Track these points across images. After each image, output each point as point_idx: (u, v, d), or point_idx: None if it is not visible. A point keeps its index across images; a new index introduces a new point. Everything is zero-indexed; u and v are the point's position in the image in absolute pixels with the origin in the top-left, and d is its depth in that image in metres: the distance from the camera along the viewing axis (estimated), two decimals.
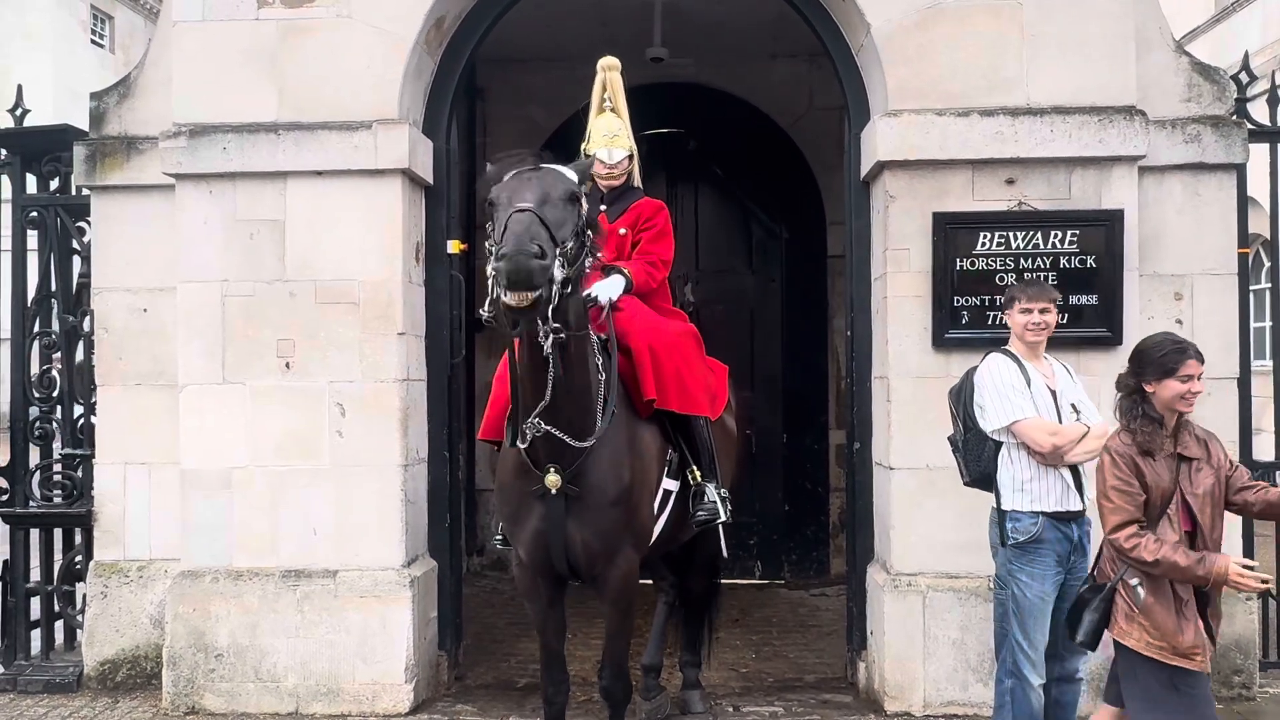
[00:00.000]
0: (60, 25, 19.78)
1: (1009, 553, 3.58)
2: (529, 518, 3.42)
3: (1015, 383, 3.53)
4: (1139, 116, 4.43)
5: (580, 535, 3.40)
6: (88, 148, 4.94)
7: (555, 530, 3.37)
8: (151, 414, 4.89)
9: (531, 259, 2.83)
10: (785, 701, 4.71)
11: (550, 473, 3.31)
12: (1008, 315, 3.71)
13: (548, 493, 3.34)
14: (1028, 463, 3.54)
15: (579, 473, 3.35)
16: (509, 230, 2.85)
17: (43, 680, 4.94)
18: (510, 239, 2.84)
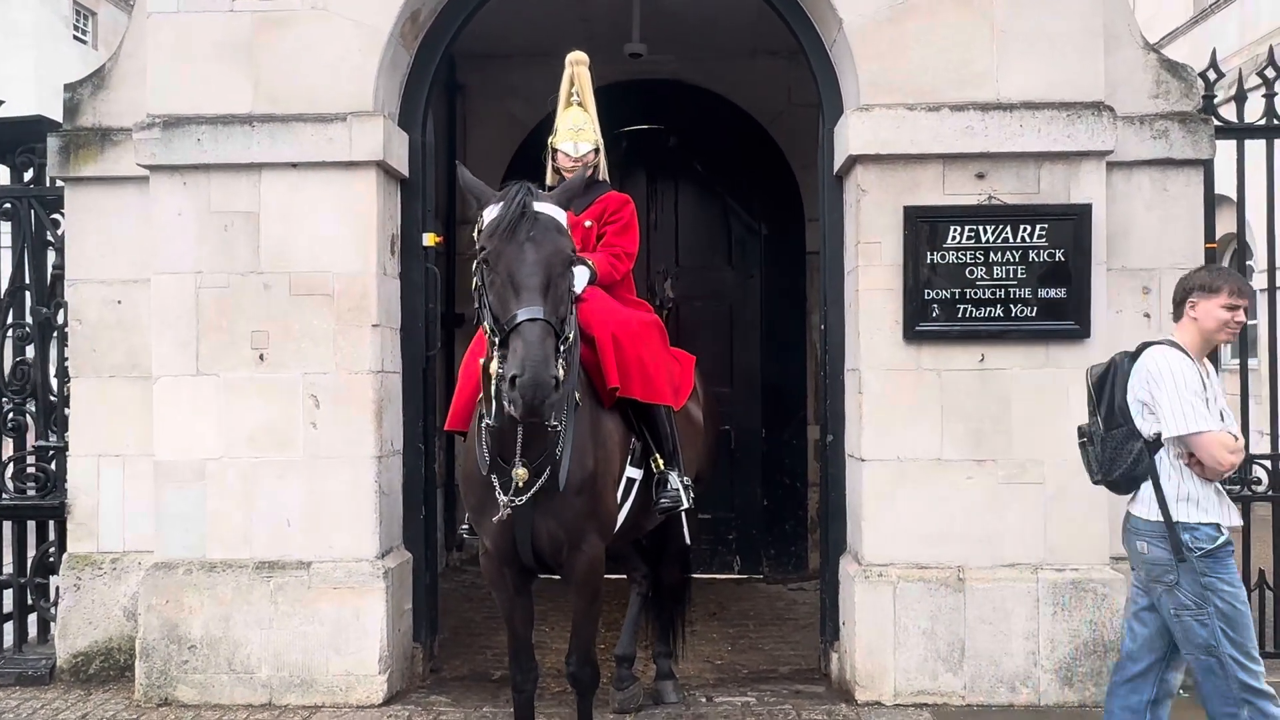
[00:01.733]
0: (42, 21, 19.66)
1: (1203, 563, 3.10)
2: (494, 508, 3.43)
3: (1198, 388, 3.13)
4: (1107, 112, 4.48)
5: (545, 524, 3.42)
6: (62, 139, 4.93)
7: (521, 520, 3.39)
8: (125, 406, 4.89)
9: (550, 392, 2.80)
10: (758, 692, 4.74)
11: (519, 465, 3.33)
12: (1193, 306, 3.26)
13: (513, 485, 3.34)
14: (1189, 473, 3.16)
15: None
16: (523, 350, 2.78)
17: (15, 673, 4.93)
18: (528, 367, 2.76)
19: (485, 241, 3.00)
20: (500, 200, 3.06)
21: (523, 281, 2.91)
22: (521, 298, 2.88)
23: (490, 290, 2.96)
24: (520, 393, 2.76)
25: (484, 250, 2.99)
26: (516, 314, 2.86)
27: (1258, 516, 4.87)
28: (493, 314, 2.93)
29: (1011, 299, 4.49)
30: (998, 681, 4.43)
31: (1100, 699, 4.39)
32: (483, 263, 2.99)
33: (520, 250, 2.96)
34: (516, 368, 2.77)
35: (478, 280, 3.03)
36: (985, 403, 4.49)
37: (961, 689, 4.43)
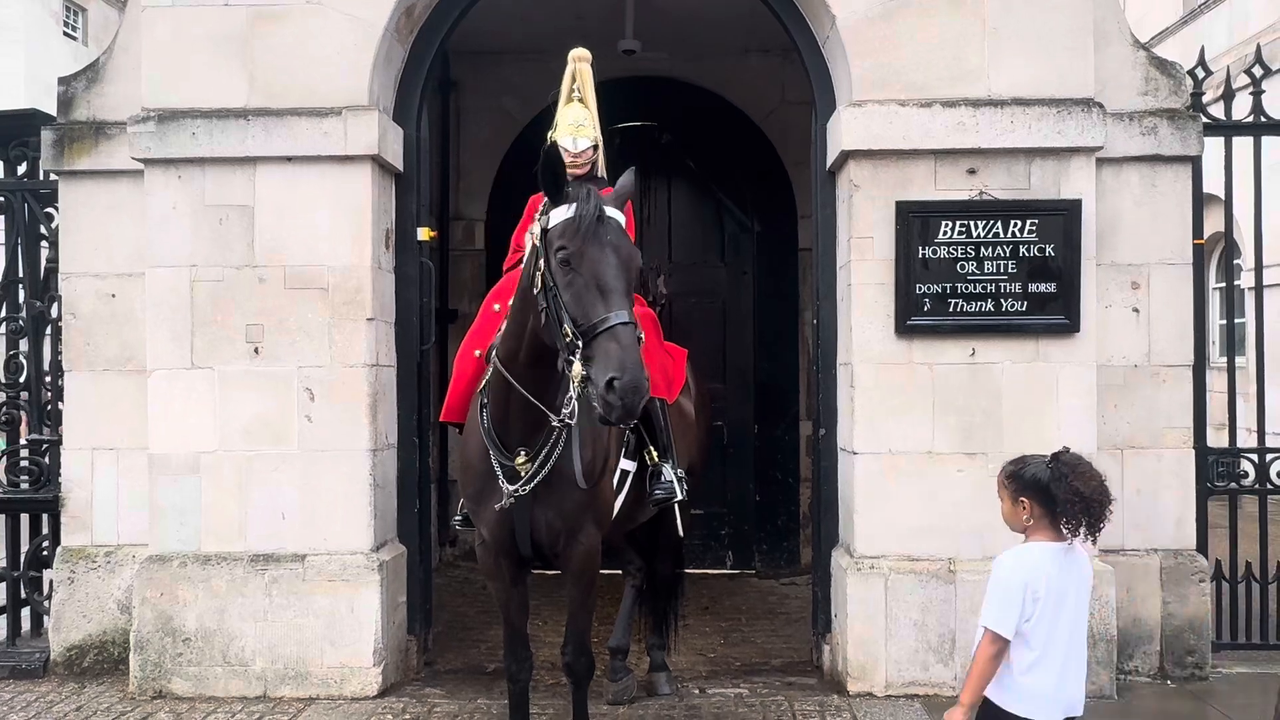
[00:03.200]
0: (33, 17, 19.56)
1: None
2: (493, 498, 3.46)
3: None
4: (1097, 109, 4.52)
5: (544, 514, 3.45)
6: (55, 132, 4.93)
7: (520, 510, 3.42)
8: (119, 399, 4.89)
9: (645, 394, 2.79)
10: (751, 684, 4.77)
11: (520, 455, 3.35)
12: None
13: (515, 474, 3.37)
14: None
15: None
16: (620, 354, 2.76)
17: (9, 666, 4.92)
18: (628, 370, 2.74)
19: (565, 241, 2.93)
20: (573, 201, 3.03)
21: (610, 284, 2.89)
22: (610, 301, 2.86)
23: (567, 290, 2.90)
24: (621, 396, 2.74)
25: (563, 250, 2.92)
26: (609, 317, 2.82)
27: (1245, 512, 4.93)
28: (570, 315, 2.88)
29: (1002, 293, 4.53)
30: None
31: (1089, 691, 4.42)
32: (561, 263, 2.93)
33: (605, 253, 2.94)
34: (615, 370, 2.74)
35: (546, 279, 2.96)
36: (976, 396, 4.53)
37: (952, 680, 4.46)
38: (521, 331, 3.25)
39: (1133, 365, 4.76)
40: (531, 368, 3.26)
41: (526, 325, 3.22)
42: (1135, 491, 4.70)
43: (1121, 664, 4.58)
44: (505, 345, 3.31)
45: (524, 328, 3.23)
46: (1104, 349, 4.68)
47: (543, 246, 3.03)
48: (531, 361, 3.25)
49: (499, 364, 3.31)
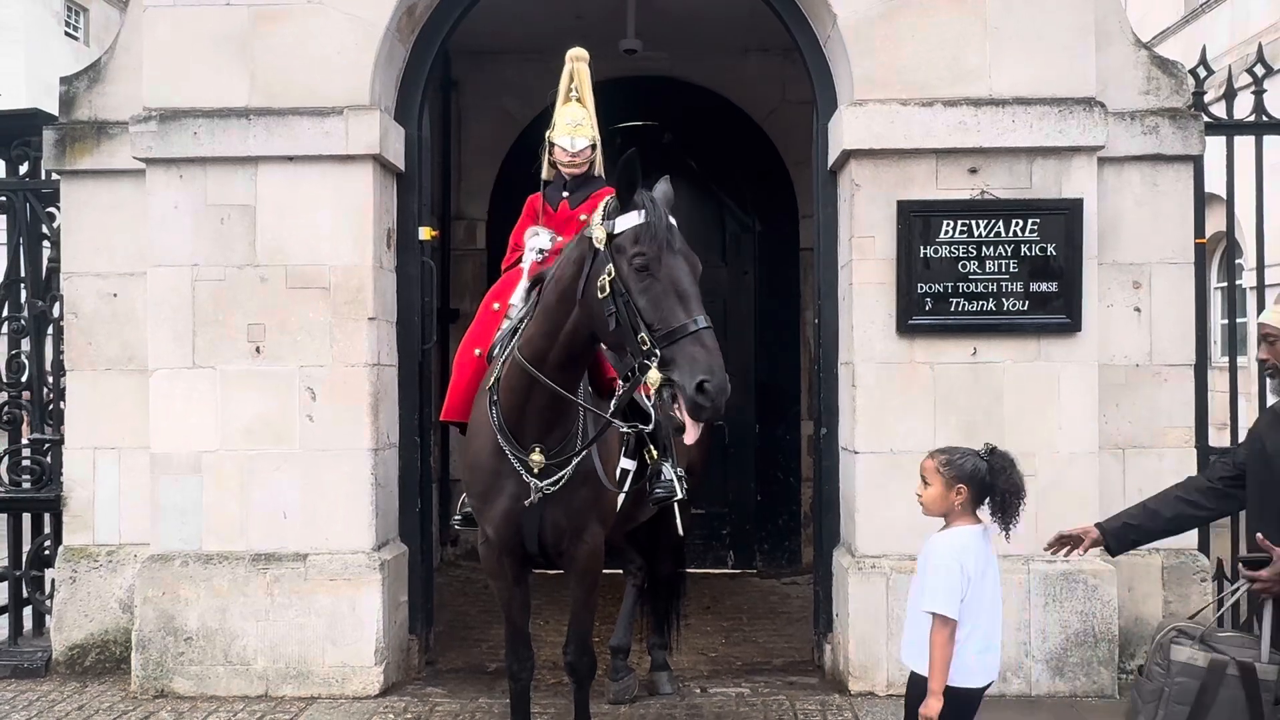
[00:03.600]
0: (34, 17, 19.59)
1: None
2: (500, 496, 3.46)
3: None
4: (1098, 108, 4.52)
5: (552, 513, 3.45)
6: (57, 132, 4.93)
7: (531, 508, 3.42)
8: (121, 399, 4.90)
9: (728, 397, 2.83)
10: (752, 683, 4.77)
11: (535, 451, 3.36)
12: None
13: (527, 471, 3.38)
14: None
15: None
16: (707, 357, 2.80)
17: (10, 665, 4.93)
18: (717, 371, 2.79)
19: (643, 248, 2.94)
20: (641, 208, 3.03)
21: (689, 290, 2.92)
22: (690, 306, 2.89)
23: (643, 296, 2.92)
24: (712, 398, 2.78)
25: (640, 257, 2.93)
26: (691, 321, 2.86)
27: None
28: (645, 319, 2.90)
29: (1004, 293, 4.53)
30: None
31: (1090, 690, 4.45)
32: (638, 270, 2.92)
33: (679, 260, 2.97)
34: (704, 373, 2.78)
35: (618, 285, 2.96)
36: (978, 396, 4.53)
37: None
38: (555, 332, 3.24)
39: (1134, 364, 4.76)
40: (562, 369, 3.28)
41: (562, 326, 3.22)
42: (1137, 491, 4.67)
43: (1123, 663, 4.57)
44: (533, 345, 3.29)
45: (558, 328, 3.23)
46: (1106, 348, 4.68)
47: (609, 252, 3.01)
48: (563, 363, 3.27)
49: (526, 362, 3.28)
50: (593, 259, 3.10)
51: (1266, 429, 3.03)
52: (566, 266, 3.25)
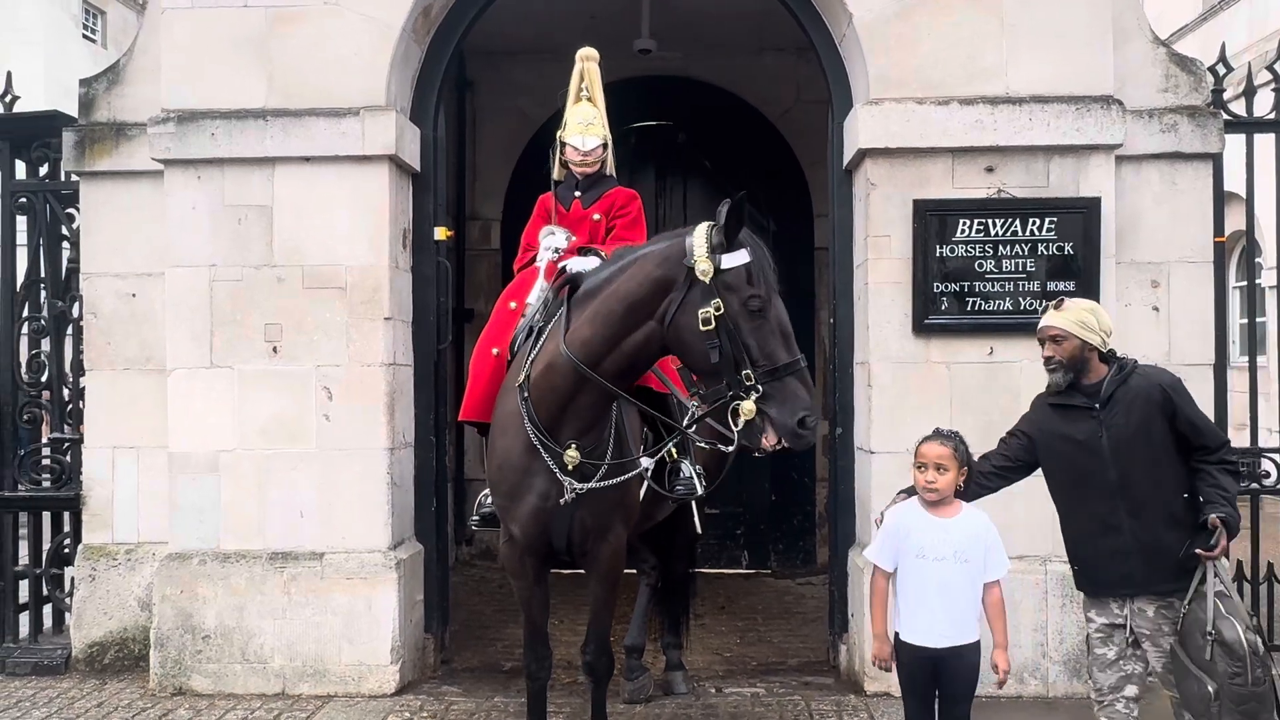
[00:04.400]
0: (52, 20, 19.74)
1: None
2: (529, 494, 3.47)
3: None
4: (1116, 106, 4.50)
5: (580, 513, 3.46)
6: (77, 133, 4.97)
7: (563, 509, 3.43)
8: (140, 398, 4.93)
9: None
10: (767, 683, 4.77)
11: (570, 448, 3.37)
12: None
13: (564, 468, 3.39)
14: None
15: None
16: (807, 394, 3.05)
17: (31, 662, 4.98)
18: (815, 411, 3.07)
19: (756, 290, 3.08)
20: (745, 247, 3.14)
21: (790, 331, 3.12)
22: (792, 346, 3.09)
23: (754, 335, 3.06)
24: (810, 429, 3.05)
25: (755, 299, 3.06)
26: (795, 360, 3.06)
27: (1267, 513, 4.88)
28: (751, 357, 3.06)
29: (1020, 292, 4.51)
30: None
31: None
32: (751, 312, 3.06)
33: (779, 301, 3.15)
34: (805, 410, 3.03)
35: (725, 321, 3.07)
36: (994, 395, 4.51)
37: None
38: (617, 340, 3.29)
39: (1153, 364, 4.71)
40: (620, 376, 3.34)
41: (626, 338, 3.28)
42: None
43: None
44: (589, 349, 3.31)
45: (621, 338, 3.28)
46: (1124, 348, 4.58)
47: (715, 286, 3.09)
48: (623, 371, 3.33)
49: (579, 362, 3.30)
50: (687, 288, 3.15)
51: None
52: (642, 285, 3.25)
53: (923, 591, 3.15)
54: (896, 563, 3.21)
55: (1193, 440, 3.24)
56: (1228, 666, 3.00)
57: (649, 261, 3.29)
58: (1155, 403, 3.23)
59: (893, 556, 3.22)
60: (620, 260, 3.42)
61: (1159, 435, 3.22)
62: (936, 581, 3.14)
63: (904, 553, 3.19)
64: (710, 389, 3.17)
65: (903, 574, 3.20)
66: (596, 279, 3.43)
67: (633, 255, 3.39)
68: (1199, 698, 3.05)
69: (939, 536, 3.16)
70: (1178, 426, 3.22)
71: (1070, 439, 3.26)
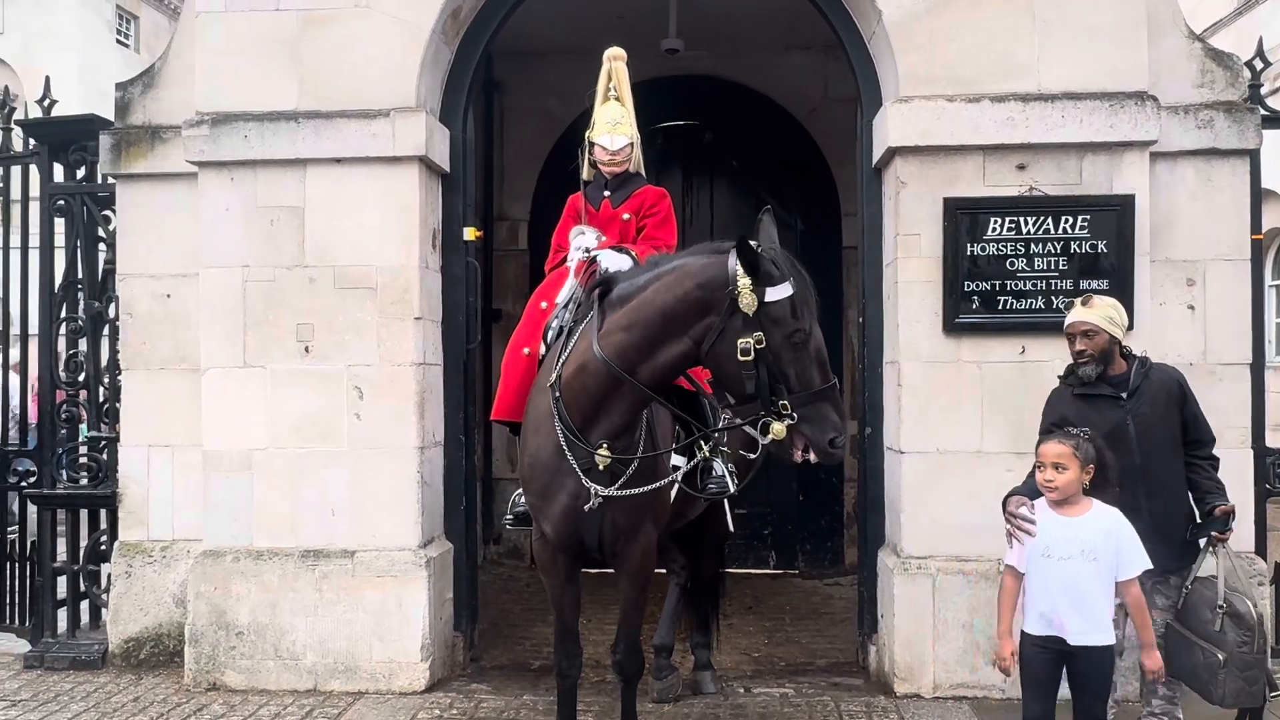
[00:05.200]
0: (86, 25, 20.06)
1: None
2: (560, 493, 3.48)
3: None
4: (1151, 102, 4.44)
5: (610, 513, 3.47)
6: (113, 137, 5.05)
7: (595, 507, 3.44)
8: (174, 397, 5.00)
9: None
10: (796, 684, 4.76)
11: (601, 448, 3.38)
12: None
13: (593, 469, 3.40)
14: None
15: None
16: (838, 419, 3.13)
17: (69, 657, 5.06)
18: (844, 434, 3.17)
19: (801, 324, 3.12)
20: (789, 279, 3.15)
21: (825, 358, 3.18)
22: (826, 371, 3.15)
23: (793, 365, 3.12)
24: (840, 448, 3.14)
25: (799, 333, 3.11)
26: (830, 385, 3.14)
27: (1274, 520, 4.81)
28: (788, 386, 3.12)
29: (1053, 290, 4.47)
30: None
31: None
32: (794, 344, 3.11)
33: (819, 329, 3.20)
34: (835, 431, 3.12)
35: (765, 354, 3.11)
36: (1026, 395, 4.45)
37: (1002, 682, 4.38)
38: (652, 349, 3.29)
39: (1188, 364, 4.63)
40: (648, 385, 3.35)
41: (662, 346, 3.28)
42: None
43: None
44: (623, 354, 3.31)
45: (657, 347, 3.29)
46: (1158, 347, 4.57)
47: (759, 319, 3.12)
48: (651, 380, 3.35)
49: (616, 366, 3.31)
50: (729, 316, 3.15)
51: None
52: (681, 301, 3.24)
53: (1047, 590, 3.18)
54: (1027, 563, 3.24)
55: (1190, 434, 3.59)
56: (1237, 636, 3.34)
57: (689, 279, 3.26)
58: (1174, 395, 3.57)
59: (1022, 557, 3.24)
60: (656, 269, 3.40)
61: (1175, 425, 3.56)
62: (1061, 580, 3.16)
63: (1031, 551, 3.22)
64: (742, 408, 3.22)
65: (1030, 573, 3.23)
66: (631, 284, 3.41)
67: (669, 265, 3.36)
68: (1204, 666, 3.39)
69: (1066, 535, 3.19)
70: (1184, 418, 3.57)
71: (1097, 427, 3.41)
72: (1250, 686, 3.36)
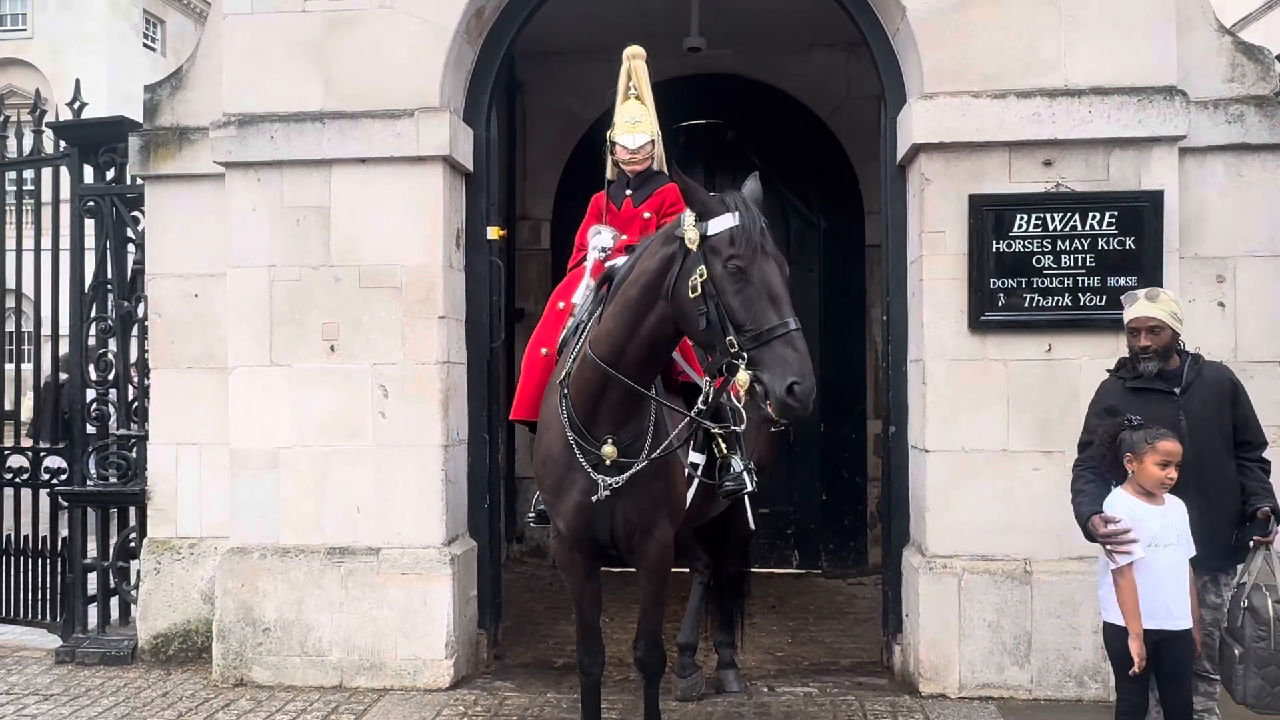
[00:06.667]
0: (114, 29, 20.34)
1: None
2: (572, 490, 3.49)
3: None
4: (1179, 96, 4.39)
5: (622, 508, 3.48)
6: (142, 138, 5.11)
7: (602, 503, 3.45)
8: (202, 396, 5.05)
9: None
10: (820, 683, 4.74)
11: (607, 443, 3.38)
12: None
13: (600, 464, 3.41)
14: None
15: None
16: (798, 359, 2.87)
17: (99, 653, 5.13)
18: (807, 374, 2.86)
19: (737, 251, 2.98)
20: (734, 210, 3.08)
21: (780, 294, 2.97)
22: (782, 309, 2.94)
23: (737, 297, 2.96)
24: (800, 399, 2.84)
25: (734, 260, 2.97)
26: (784, 323, 2.90)
27: None
28: (735, 321, 2.95)
29: (1080, 288, 4.42)
30: (1066, 676, 4.37)
31: None
32: (731, 273, 2.98)
33: (771, 263, 3.01)
34: (795, 375, 2.84)
35: (707, 286, 3.01)
36: (1052, 393, 4.43)
37: (1028, 682, 4.38)
38: (636, 326, 3.28)
39: (1218, 361, 4.59)
40: (641, 365, 3.32)
41: (644, 321, 3.26)
42: None
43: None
44: (610, 341, 3.32)
45: (639, 322, 3.27)
46: (1189, 343, 4.50)
47: (702, 252, 3.05)
48: (643, 359, 3.31)
49: (598, 359, 3.31)
50: (684, 258, 3.12)
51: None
52: (652, 262, 3.27)
53: (1159, 577, 3.25)
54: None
55: (1240, 434, 3.57)
56: (1255, 630, 3.34)
57: (657, 240, 3.32)
58: (1226, 393, 3.56)
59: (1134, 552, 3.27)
60: (639, 248, 3.45)
61: (1226, 423, 3.54)
62: (1168, 566, 3.26)
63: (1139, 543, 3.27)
64: (709, 364, 3.12)
65: (1138, 564, 3.25)
66: (621, 272, 3.46)
67: (647, 240, 3.41)
68: (1228, 661, 3.38)
69: (1164, 523, 3.29)
70: (1234, 419, 3.55)
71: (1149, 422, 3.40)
72: (1272, 686, 3.32)
